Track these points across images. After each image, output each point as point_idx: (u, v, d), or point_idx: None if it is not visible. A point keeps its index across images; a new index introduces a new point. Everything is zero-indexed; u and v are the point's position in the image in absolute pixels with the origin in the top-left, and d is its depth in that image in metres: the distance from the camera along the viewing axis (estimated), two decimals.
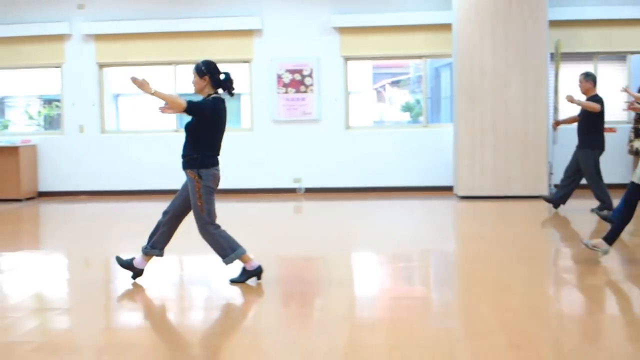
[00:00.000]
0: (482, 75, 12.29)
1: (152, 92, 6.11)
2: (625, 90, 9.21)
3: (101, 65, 13.96)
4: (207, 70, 6.31)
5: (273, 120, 13.59)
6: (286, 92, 13.51)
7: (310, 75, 13.46)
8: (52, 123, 16.53)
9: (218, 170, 6.38)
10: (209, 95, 6.35)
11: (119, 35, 13.75)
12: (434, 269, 7.48)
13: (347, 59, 13.57)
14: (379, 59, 15.38)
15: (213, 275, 6.98)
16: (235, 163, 13.35)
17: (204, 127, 6.28)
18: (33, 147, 13.95)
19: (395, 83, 20.46)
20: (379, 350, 4.56)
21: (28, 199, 13.70)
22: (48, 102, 17.01)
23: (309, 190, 13.54)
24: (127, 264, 6.61)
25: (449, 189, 13.19)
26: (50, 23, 13.77)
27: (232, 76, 6.44)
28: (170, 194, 13.47)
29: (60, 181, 14.03)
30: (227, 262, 6.41)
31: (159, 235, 6.56)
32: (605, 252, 7.03)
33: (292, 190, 13.55)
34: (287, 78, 13.49)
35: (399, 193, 13.26)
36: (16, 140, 13.78)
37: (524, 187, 12.29)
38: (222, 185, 6.51)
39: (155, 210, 12.06)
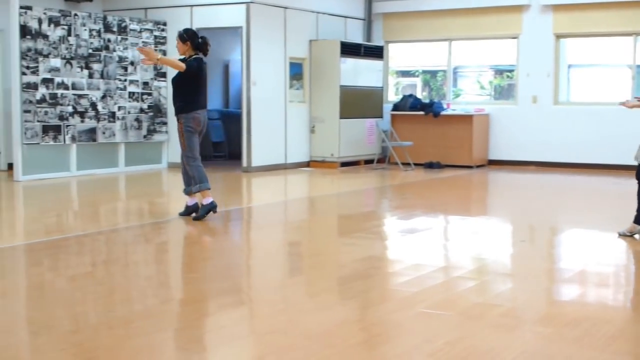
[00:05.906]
0: None
1: (158, 57, 7.62)
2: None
3: (558, 36, 13.85)
4: (188, 37, 7.78)
5: None
6: None
7: None
8: (502, 93, 16.85)
9: (199, 114, 7.80)
10: (190, 56, 7.82)
11: (577, 5, 13.51)
12: None
13: None
14: None
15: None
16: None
17: (188, 80, 7.73)
18: (486, 117, 14.37)
19: None
20: None
21: (478, 166, 14.17)
22: (499, 72, 17.36)
23: None
24: (191, 210, 7.98)
25: None
26: None
27: (208, 40, 7.85)
28: (618, 169, 13.08)
29: (510, 150, 14.28)
30: (186, 192, 7.97)
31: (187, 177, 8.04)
32: None
33: None
34: None
35: None
36: (470, 109, 14.31)
37: None
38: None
39: (604, 185, 11.80)
